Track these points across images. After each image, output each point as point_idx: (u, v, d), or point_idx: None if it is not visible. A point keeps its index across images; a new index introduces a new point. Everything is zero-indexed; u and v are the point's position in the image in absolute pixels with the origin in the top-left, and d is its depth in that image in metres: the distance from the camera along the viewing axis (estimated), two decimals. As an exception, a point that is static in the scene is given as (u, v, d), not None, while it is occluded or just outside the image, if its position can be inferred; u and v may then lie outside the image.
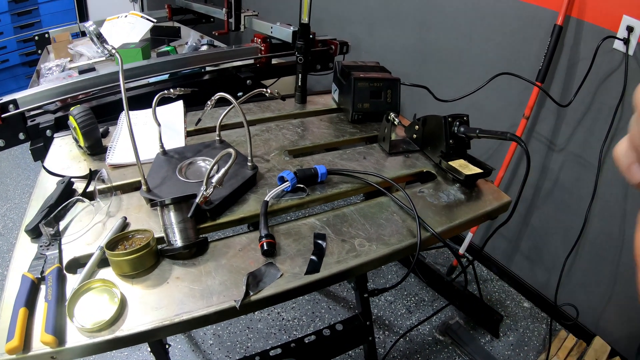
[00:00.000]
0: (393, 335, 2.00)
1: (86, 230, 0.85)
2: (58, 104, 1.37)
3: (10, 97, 1.21)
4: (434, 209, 0.93)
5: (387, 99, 1.27)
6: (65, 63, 1.93)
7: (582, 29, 1.56)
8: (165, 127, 1.17)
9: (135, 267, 0.74)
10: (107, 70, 1.44)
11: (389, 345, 1.95)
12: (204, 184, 0.78)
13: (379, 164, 1.08)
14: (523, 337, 2.04)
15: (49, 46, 2.23)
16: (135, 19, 2.17)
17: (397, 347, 1.94)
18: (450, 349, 1.96)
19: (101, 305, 0.69)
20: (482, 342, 1.99)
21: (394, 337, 1.98)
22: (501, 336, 2.03)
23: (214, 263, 0.77)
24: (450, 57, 2.07)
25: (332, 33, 1.94)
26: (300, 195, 0.93)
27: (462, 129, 1.00)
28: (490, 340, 2.01)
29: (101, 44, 0.88)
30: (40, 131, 1.26)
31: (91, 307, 0.69)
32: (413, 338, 1.99)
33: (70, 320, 0.66)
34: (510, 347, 1.99)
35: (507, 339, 2.03)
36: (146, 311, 0.68)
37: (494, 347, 1.98)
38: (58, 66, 1.90)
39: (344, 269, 0.77)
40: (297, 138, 1.17)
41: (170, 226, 0.76)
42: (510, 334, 2.05)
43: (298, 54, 1.31)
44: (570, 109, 1.62)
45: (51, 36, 2.26)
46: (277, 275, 0.74)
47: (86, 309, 0.69)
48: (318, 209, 1.00)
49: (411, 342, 1.98)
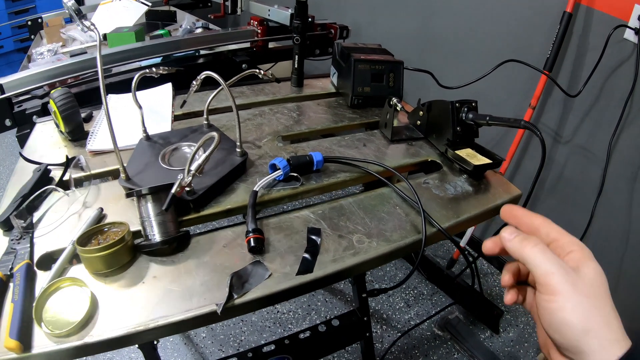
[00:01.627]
0: (391, 329, 1.95)
1: (60, 223, 0.77)
2: (46, 89, 1.30)
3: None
4: (440, 202, 0.85)
5: (389, 83, 1.19)
6: (57, 48, 1.86)
7: (592, 17, 1.49)
8: (151, 111, 1.09)
9: (109, 265, 0.67)
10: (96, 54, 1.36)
11: (386, 340, 1.90)
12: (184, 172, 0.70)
13: (380, 151, 1.00)
14: (523, 333, 1.99)
15: (42, 31, 2.17)
16: (129, 3, 2.08)
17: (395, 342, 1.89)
18: (449, 344, 1.92)
19: (71, 307, 0.62)
20: (482, 338, 1.94)
21: (392, 332, 1.93)
22: (501, 332, 1.98)
23: (195, 260, 0.69)
24: (454, 44, 1.99)
25: (332, 17, 1.86)
26: (294, 184, 0.85)
27: (470, 115, 0.92)
28: (490, 336, 1.97)
29: (80, 19, 0.80)
30: (27, 117, 1.19)
31: (60, 309, 0.62)
32: (411, 333, 1.94)
33: (37, 324, 0.59)
34: (510, 343, 1.94)
35: (507, 334, 1.98)
36: (119, 315, 0.61)
37: (494, 343, 1.93)
38: (50, 51, 1.83)
39: (340, 268, 0.69)
40: (292, 123, 1.09)
41: (148, 219, 0.69)
42: (510, 330, 2.00)
43: (295, 34, 1.23)
44: (577, 99, 1.56)
45: (44, 21, 2.21)
46: (265, 275, 0.67)
47: (54, 311, 0.62)
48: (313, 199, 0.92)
49: (409, 337, 1.92)
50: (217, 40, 1.64)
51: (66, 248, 0.70)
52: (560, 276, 0.41)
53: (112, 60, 1.40)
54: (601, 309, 0.40)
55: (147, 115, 1.06)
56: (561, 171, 1.78)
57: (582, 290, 0.41)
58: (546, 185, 1.86)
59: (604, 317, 0.40)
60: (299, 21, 1.21)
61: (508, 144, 1.80)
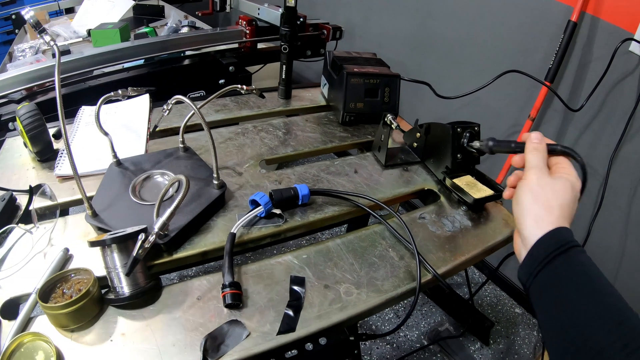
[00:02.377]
0: (379, 341, 1.90)
1: (24, 264, 0.70)
2: (23, 93, 1.21)
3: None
4: (437, 242, 0.78)
5: (384, 98, 1.11)
6: (39, 45, 1.76)
7: (597, 28, 1.42)
8: (125, 128, 1.01)
9: (74, 321, 0.60)
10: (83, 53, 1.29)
11: (375, 352, 1.84)
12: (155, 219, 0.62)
13: (372, 179, 0.92)
14: (513, 344, 1.95)
15: (26, 25, 2.05)
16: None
17: (384, 354, 1.84)
18: (439, 356, 1.87)
19: None
20: (472, 350, 1.89)
21: (380, 344, 1.88)
22: (491, 343, 1.94)
23: (166, 316, 0.62)
24: (453, 49, 1.91)
25: (325, 17, 1.78)
26: (276, 222, 0.77)
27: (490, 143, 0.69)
28: (480, 347, 1.92)
29: (40, 34, 0.72)
30: (2, 124, 1.10)
31: None
32: (400, 345, 1.89)
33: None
34: (500, 355, 1.90)
35: (497, 346, 1.94)
36: None
37: (484, 355, 1.89)
38: (32, 48, 1.73)
39: (325, 325, 0.63)
40: (277, 144, 1.01)
41: (115, 270, 0.61)
42: (500, 341, 1.96)
43: (282, 42, 1.14)
44: (579, 112, 1.49)
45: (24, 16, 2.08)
46: (242, 335, 0.59)
47: None
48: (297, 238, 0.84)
49: (398, 349, 1.87)
50: (203, 41, 1.55)
51: (30, 295, 0.64)
52: (536, 172, 0.55)
53: (94, 62, 1.30)
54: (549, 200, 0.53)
55: (121, 133, 0.98)
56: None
57: (542, 185, 0.54)
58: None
59: (547, 204, 0.53)
60: (287, 29, 1.12)
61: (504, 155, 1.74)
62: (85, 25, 1.88)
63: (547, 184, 0.54)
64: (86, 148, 0.94)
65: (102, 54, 1.32)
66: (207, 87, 1.47)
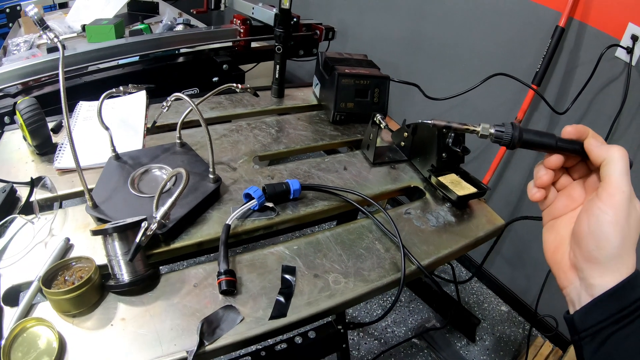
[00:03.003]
0: (367, 337, 1.93)
1: (25, 253, 0.72)
2: (19, 87, 1.23)
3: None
4: (421, 236, 0.82)
5: (373, 99, 1.15)
6: (34, 39, 1.76)
7: (584, 33, 1.46)
8: (123, 123, 1.04)
9: (76, 306, 0.63)
10: (75, 50, 1.30)
11: (362, 347, 1.88)
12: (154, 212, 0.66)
13: (361, 176, 0.96)
14: (499, 341, 2.00)
15: (20, 19, 2.07)
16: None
17: (371, 349, 1.88)
18: (426, 352, 1.91)
19: (39, 350, 0.59)
20: (458, 346, 1.94)
21: (368, 339, 1.92)
22: (477, 340, 1.98)
23: (164, 302, 0.65)
24: (444, 51, 1.95)
25: (318, 17, 1.81)
26: (269, 215, 0.81)
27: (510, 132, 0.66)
28: (466, 344, 1.97)
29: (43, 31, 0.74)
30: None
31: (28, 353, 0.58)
32: (388, 340, 1.93)
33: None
34: (486, 351, 1.95)
35: (483, 343, 1.99)
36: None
37: (470, 352, 1.93)
38: (26, 42, 1.74)
39: (314, 312, 0.66)
40: (270, 141, 1.04)
41: (115, 257, 0.64)
42: (486, 338, 2.01)
43: (277, 43, 1.17)
44: (564, 115, 1.54)
45: (23, 9, 2.08)
46: (236, 320, 0.63)
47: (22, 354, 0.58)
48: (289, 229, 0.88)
49: (385, 345, 1.91)
50: (198, 40, 1.57)
51: (32, 283, 0.66)
52: (625, 199, 0.43)
53: (89, 58, 1.32)
54: (632, 243, 0.43)
55: (119, 128, 1.01)
56: (543, 184, 1.77)
57: (630, 220, 0.43)
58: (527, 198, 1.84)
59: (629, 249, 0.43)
60: (281, 30, 1.15)
61: (493, 154, 1.78)
62: (79, 21, 1.88)
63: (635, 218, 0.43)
64: (85, 142, 0.97)
65: (97, 50, 1.34)
66: (200, 84, 1.50)
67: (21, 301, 0.64)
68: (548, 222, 0.52)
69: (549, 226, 0.52)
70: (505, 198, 1.93)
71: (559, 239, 0.50)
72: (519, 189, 1.86)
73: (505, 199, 1.93)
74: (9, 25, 2.08)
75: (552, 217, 0.52)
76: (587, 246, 0.44)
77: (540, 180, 0.50)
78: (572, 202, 0.50)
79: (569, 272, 0.47)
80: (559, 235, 0.50)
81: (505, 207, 1.93)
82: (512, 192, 1.89)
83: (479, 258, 2.20)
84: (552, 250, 0.51)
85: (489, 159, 1.82)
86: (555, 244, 0.50)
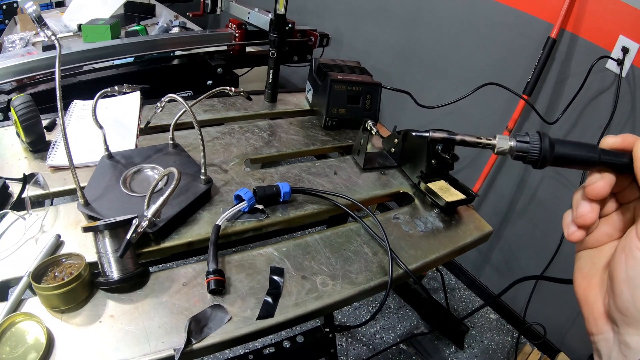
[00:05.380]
0: (356, 342, 1.94)
1: (16, 249, 0.73)
2: (13, 84, 1.23)
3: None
4: (409, 241, 0.84)
5: (365, 105, 1.16)
6: (29, 37, 1.76)
7: (575, 45, 1.49)
8: (116, 123, 1.04)
9: (65, 302, 0.63)
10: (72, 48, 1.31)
11: (351, 353, 1.89)
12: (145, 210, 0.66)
13: (351, 181, 0.97)
14: (488, 349, 2.01)
15: (17, 16, 2.06)
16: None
17: (360, 355, 1.89)
18: (414, 359, 1.92)
19: (27, 345, 0.59)
20: (447, 353, 1.95)
21: (357, 345, 1.93)
22: (466, 347, 1.99)
23: (153, 300, 0.66)
24: (436, 60, 1.98)
25: (313, 23, 1.83)
26: (259, 217, 0.82)
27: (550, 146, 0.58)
28: (454, 351, 1.98)
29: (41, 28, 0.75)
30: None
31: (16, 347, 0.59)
32: (376, 346, 1.94)
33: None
34: (475, 359, 1.96)
35: (471, 350, 2.00)
36: (76, 357, 0.58)
37: (458, 359, 1.94)
38: (22, 39, 1.73)
39: (301, 313, 0.67)
40: (261, 144, 1.05)
41: (105, 255, 0.65)
42: (475, 346, 2.02)
43: (271, 48, 1.18)
44: (554, 125, 1.56)
45: (20, 6, 2.09)
46: (224, 319, 0.64)
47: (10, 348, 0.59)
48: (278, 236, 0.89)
49: (374, 351, 1.92)
50: (193, 42, 1.58)
51: (22, 278, 0.66)
52: None
53: (84, 57, 1.33)
54: None
55: (112, 128, 1.02)
56: (533, 194, 1.80)
57: None
58: (517, 205, 1.87)
59: None
60: (276, 35, 1.16)
61: (483, 162, 1.81)
62: (76, 20, 1.89)
63: None
64: (78, 141, 0.97)
65: (93, 50, 1.34)
66: (194, 87, 1.51)
67: (10, 296, 0.64)
68: (582, 250, 0.41)
69: (583, 255, 0.41)
70: (495, 206, 1.95)
71: (593, 272, 0.39)
72: (509, 196, 1.88)
73: (495, 207, 1.95)
74: (5, 22, 2.08)
75: (588, 246, 0.40)
76: (621, 294, 0.34)
77: (583, 219, 0.37)
78: (616, 231, 0.39)
79: (601, 319, 0.37)
80: (594, 268, 0.39)
81: (495, 215, 1.95)
82: (502, 200, 1.91)
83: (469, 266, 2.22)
84: (583, 287, 0.40)
85: (479, 167, 1.84)
86: (588, 280, 0.39)
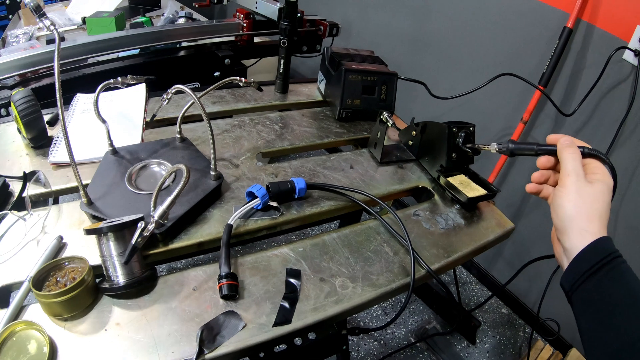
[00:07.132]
0: (367, 337, 1.91)
1: (17, 251, 0.69)
2: (16, 79, 1.19)
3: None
4: (430, 239, 0.79)
5: (381, 96, 1.11)
6: (33, 31, 1.73)
7: (592, 35, 1.43)
8: (121, 116, 1.00)
9: (68, 309, 0.60)
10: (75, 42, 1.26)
11: (362, 348, 1.86)
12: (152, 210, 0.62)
13: (368, 175, 0.93)
14: (499, 344, 1.98)
15: (20, 11, 2.03)
16: (111, -15, 1.96)
17: (371, 350, 1.85)
18: (426, 354, 1.88)
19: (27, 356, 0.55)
20: (459, 349, 1.91)
21: (368, 340, 1.89)
22: (477, 342, 1.96)
23: (162, 306, 0.62)
24: (449, 50, 1.92)
25: (322, 13, 1.77)
26: (273, 215, 0.77)
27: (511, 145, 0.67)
28: (466, 346, 1.94)
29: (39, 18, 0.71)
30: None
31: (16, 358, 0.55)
32: (388, 341, 1.90)
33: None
34: (486, 354, 1.92)
35: (483, 345, 1.96)
36: None
37: (470, 354, 1.91)
38: (25, 34, 1.71)
39: (321, 318, 0.63)
40: (273, 137, 1.01)
41: (110, 258, 0.61)
42: (487, 341, 1.98)
43: (282, 37, 1.14)
44: (570, 117, 1.51)
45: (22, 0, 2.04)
46: (238, 326, 0.60)
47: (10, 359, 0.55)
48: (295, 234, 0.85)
49: (385, 346, 1.89)
50: (200, 33, 1.53)
51: (23, 283, 0.63)
52: (574, 179, 0.55)
53: (88, 50, 1.28)
54: (589, 210, 0.53)
55: (117, 122, 0.97)
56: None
57: (582, 194, 0.54)
58: (531, 199, 1.82)
59: (589, 214, 0.53)
60: (287, 23, 1.12)
61: (496, 156, 1.75)
62: (80, 13, 1.86)
63: (586, 192, 0.54)
64: (81, 136, 0.93)
65: (97, 42, 1.30)
66: (202, 79, 1.46)
67: (11, 302, 0.61)
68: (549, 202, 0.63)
69: None
70: (508, 200, 1.91)
71: None
72: (522, 190, 1.83)
73: (508, 201, 1.91)
74: (8, 17, 2.05)
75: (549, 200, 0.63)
76: (554, 219, 0.58)
77: (533, 177, 0.63)
78: None
79: (556, 244, 0.59)
80: None
81: (508, 208, 1.90)
82: (515, 193, 1.86)
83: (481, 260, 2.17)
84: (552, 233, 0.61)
85: (493, 160, 1.79)
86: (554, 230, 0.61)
